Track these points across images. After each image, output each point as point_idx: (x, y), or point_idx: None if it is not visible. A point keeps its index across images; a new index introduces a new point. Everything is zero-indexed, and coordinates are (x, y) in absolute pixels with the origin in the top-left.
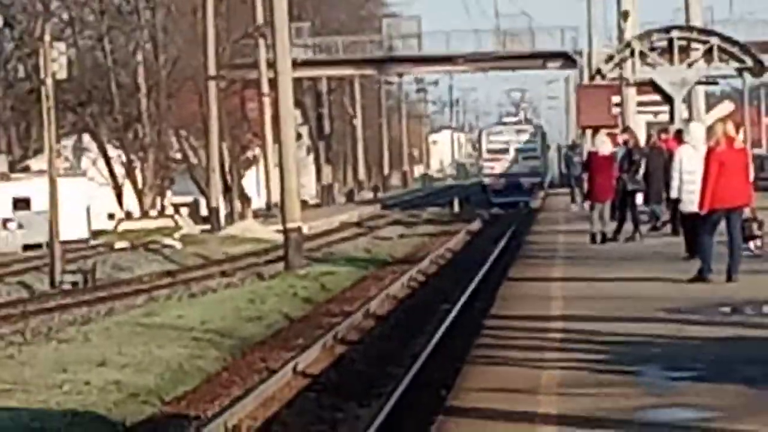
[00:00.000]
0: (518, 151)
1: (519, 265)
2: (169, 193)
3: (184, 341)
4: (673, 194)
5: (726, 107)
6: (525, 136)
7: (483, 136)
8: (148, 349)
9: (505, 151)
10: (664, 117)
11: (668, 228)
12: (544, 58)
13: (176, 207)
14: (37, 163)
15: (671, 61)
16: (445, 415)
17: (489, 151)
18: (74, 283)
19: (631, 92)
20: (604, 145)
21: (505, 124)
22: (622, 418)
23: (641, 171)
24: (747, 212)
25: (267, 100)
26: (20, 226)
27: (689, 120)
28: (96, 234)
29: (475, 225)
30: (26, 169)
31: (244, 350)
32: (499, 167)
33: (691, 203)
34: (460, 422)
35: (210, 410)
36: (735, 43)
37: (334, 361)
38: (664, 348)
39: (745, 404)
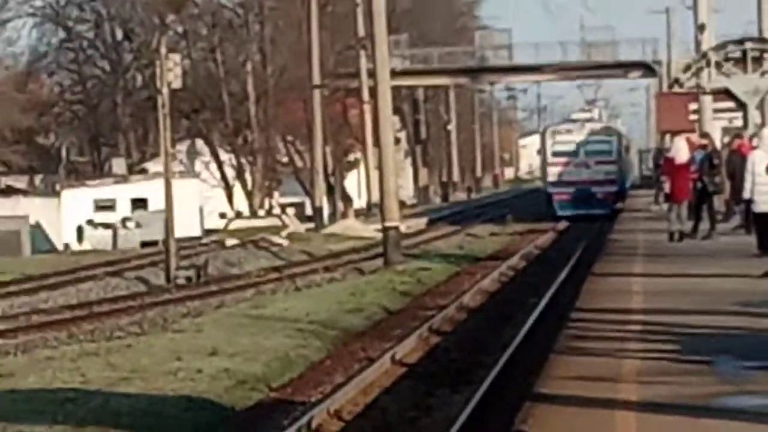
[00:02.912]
0: (590, 153)
1: (602, 261)
2: (276, 194)
3: (289, 332)
4: (746, 195)
5: None
6: (599, 136)
7: (547, 135)
8: (256, 339)
9: (574, 153)
10: (738, 123)
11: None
12: (625, 67)
13: (283, 207)
14: (154, 165)
15: (745, 71)
16: (532, 401)
17: (554, 153)
18: (188, 278)
19: (707, 99)
20: (682, 153)
21: (574, 121)
22: (697, 404)
23: (722, 173)
24: None
25: (367, 107)
26: (138, 225)
27: (762, 126)
28: (208, 232)
29: (562, 224)
30: (144, 172)
31: (346, 340)
32: (566, 173)
33: (763, 203)
34: (546, 408)
35: (314, 396)
36: None
37: (430, 350)
38: (738, 339)
39: None
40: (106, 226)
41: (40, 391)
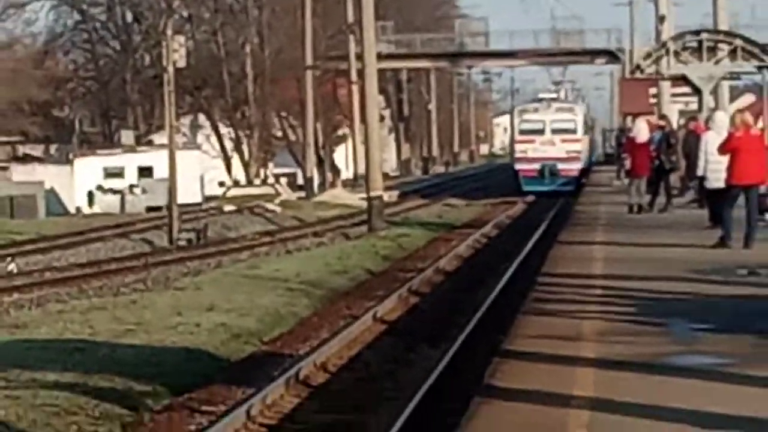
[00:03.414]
0: (555, 131)
1: (567, 230)
2: (271, 165)
3: (280, 291)
4: (700, 172)
5: (747, 99)
6: (564, 115)
7: (515, 114)
8: (250, 297)
9: (540, 131)
10: (694, 106)
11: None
12: (592, 54)
13: (277, 177)
14: (159, 137)
15: (700, 59)
16: (500, 357)
17: (522, 132)
18: (189, 240)
19: (665, 85)
20: (642, 133)
21: (540, 100)
22: (650, 362)
23: (678, 152)
24: (763, 189)
25: (355, 87)
26: (144, 191)
27: (715, 109)
28: (208, 199)
29: (531, 197)
30: (150, 143)
31: (332, 299)
32: (532, 150)
33: (715, 180)
34: (513, 364)
35: (302, 349)
36: (756, 44)
37: (408, 309)
38: (689, 304)
39: (757, 353)
40: (115, 191)
41: (52, 341)
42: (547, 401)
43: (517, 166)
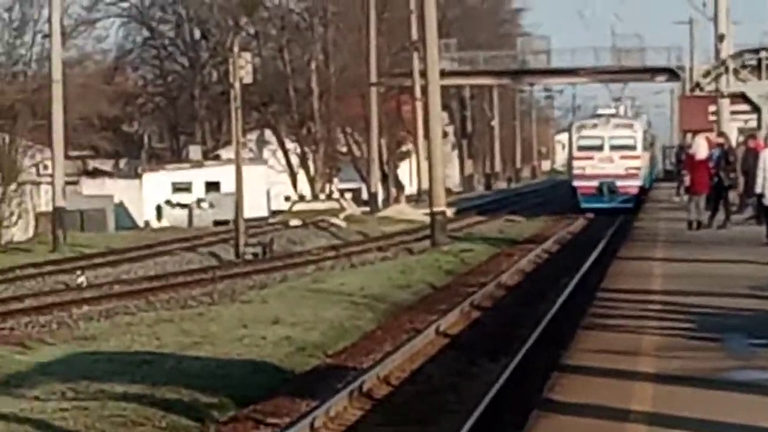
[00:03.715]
0: (614, 148)
1: (627, 246)
2: (336, 180)
3: (345, 304)
4: (758, 189)
5: None
6: (623, 131)
7: (574, 130)
8: (315, 310)
9: (599, 148)
10: (753, 124)
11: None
12: (652, 72)
13: (342, 192)
14: (227, 152)
15: (759, 77)
16: (560, 371)
17: (580, 147)
18: (255, 254)
19: (725, 102)
20: (701, 150)
21: (599, 116)
22: (708, 377)
23: (737, 169)
24: None
25: (419, 104)
26: (211, 206)
27: None
28: (274, 213)
29: (591, 213)
30: (217, 158)
31: (395, 313)
32: (590, 167)
33: None
34: (572, 378)
35: (365, 363)
36: None
37: (471, 323)
38: (747, 319)
39: None
40: (183, 206)
41: (120, 353)
42: (604, 415)
43: (575, 183)
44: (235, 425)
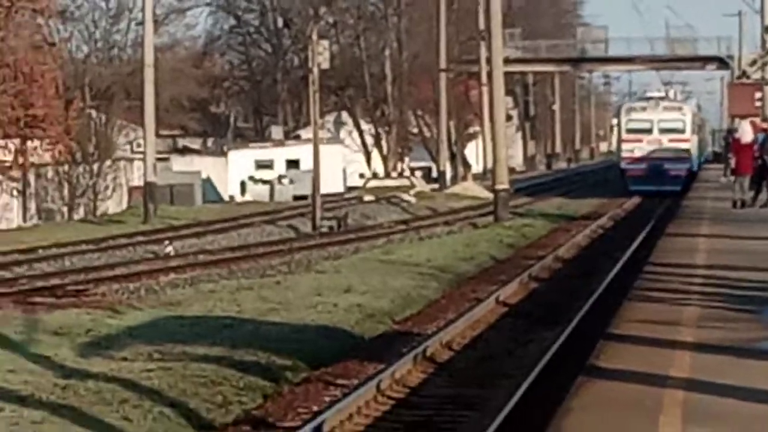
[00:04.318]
0: (663, 131)
1: (675, 223)
2: (407, 158)
3: (412, 275)
4: None
5: None
6: (673, 114)
7: (623, 113)
8: (384, 280)
9: (648, 131)
10: None
11: None
12: (703, 61)
13: (412, 170)
14: (306, 133)
15: None
16: (605, 340)
17: (629, 130)
18: (330, 227)
19: None
20: (746, 134)
21: (648, 99)
22: (744, 347)
23: None
24: None
25: (485, 89)
26: (291, 182)
27: None
28: (349, 189)
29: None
30: (297, 138)
31: (459, 283)
32: (639, 150)
33: None
34: (617, 346)
35: (429, 329)
36: None
37: (528, 294)
38: None
39: None
40: (265, 182)
41: (203, 317)
42: (645, 381)
43: (624, 166)
44: (307, 386)
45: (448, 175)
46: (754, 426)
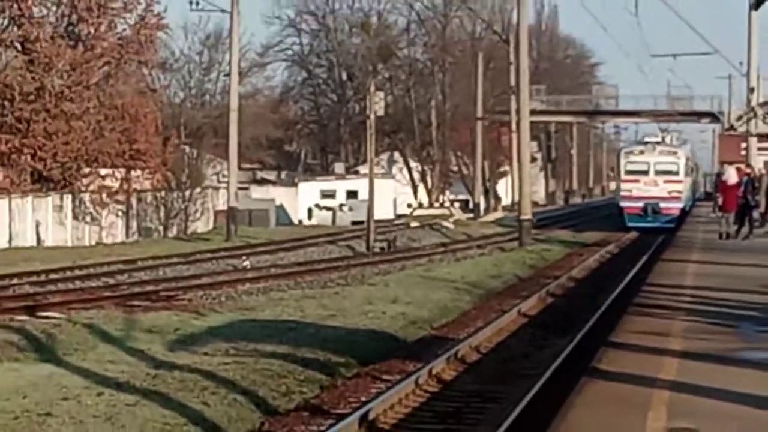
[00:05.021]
0: (659, 173)
1: (670, 250)
2: (447, 192)
3: (449, 289)
4: None
5: None
6: (668, 158)
7: (622, 155)
8: (425, 293)
9: (645, 172)
10: None
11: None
12: (698, 115)
13: (452, 201)
14: (363, 168)
15: None
16: (605, 347)
17: (627, 172)
18: (381, 248)
19: (753, 140)
20: (732, 177)
21: (645, 143)
22: (723, 355)
23: (762, 193)
24: None
25: (514, 135)
26: (350, 209)
27: None
28: (398, 216)
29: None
30: (356, 173)
31: (488, 297)
32: (636, 190)
33: None
34: (615, 352)
35: (461, 335)
36: None
37: (546, 307)
38: (758, 311)
39: None
40: (328, 209)
41: (272, 321)
42: (637, 382)
43: (622, 204)
44: (357, 380)
45: (482, 206)
46: (731, 423)
